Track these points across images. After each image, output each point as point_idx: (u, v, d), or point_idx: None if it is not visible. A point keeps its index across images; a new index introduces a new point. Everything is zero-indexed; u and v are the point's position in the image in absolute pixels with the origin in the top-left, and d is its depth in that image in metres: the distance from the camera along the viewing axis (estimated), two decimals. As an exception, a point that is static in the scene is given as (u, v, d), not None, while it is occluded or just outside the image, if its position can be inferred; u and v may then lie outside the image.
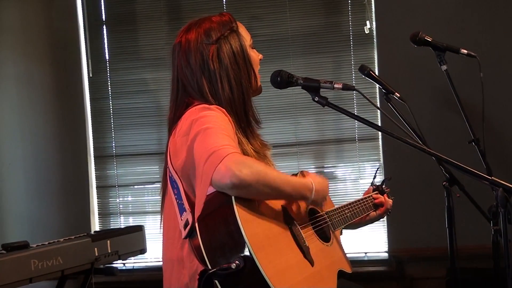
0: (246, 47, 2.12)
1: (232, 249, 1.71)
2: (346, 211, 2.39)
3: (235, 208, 1.73)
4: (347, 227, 2.41)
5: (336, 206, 2.38)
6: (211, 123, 1.87)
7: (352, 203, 2.47)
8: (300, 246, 1.93)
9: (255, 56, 2.17)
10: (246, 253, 1.69)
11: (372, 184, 2.69)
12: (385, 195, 2.62)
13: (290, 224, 1.96)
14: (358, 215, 2.46)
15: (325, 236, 2.20)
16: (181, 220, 1.95)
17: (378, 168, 2.90)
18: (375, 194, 2.62)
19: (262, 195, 1.82)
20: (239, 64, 2.08)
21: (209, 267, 1.70)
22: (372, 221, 2.59)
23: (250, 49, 2.16)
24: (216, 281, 1.68)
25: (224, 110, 1.99)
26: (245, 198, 1.77)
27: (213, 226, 1.77)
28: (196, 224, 1.78)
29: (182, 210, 1.96)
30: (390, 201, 2.61)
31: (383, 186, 2.69)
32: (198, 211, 1.81)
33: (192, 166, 1.87)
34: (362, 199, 2.54)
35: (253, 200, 1.80)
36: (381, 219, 4.21)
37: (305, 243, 1.97)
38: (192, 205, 1.91)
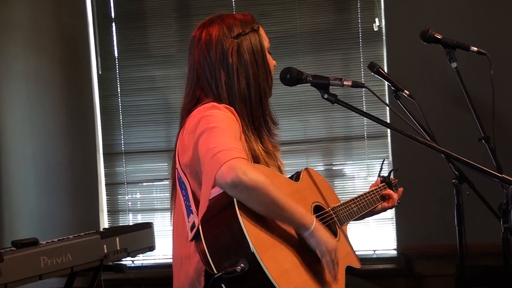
0: (265, 48, 2.13)
1: (236, 251, 1.70)
2: (353, 206, 2.38)
3: (237, 209, 1.73)
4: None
5: (342, 201, 2.37)
6: (217, 122, 1.87)
7: (359, 197, 2.45)
8: (305, 244, 1.92)
9: (270, 60, 2.17)
10: (250, 255, 1.68)
11: (379, 175, 2.68)
12: (392, 189, 2.62)
13: None
14: (365, 208, 2.44)
15: (331, 232, 2.19)
16: (188, 222, 1.95)
17: (384, 160, 2.88)
18: (383, 186, 2.62)
19: (261, 205, 1.76)
20: (258, 63, 2.08)
21: (215, 271, 1.70)
22: (379, 212, 2.58)
23: (267, 52, 2.16)
24: (223, 285, 1.68)
25: (232, 109, 1.99)
26: (245, 203, 1.75)
27: (217, 228, 1.76)
28: (200, 227, 1.77)
29: (189, 212, 1.96)
30: (396, 196, 2.60)
31: (391, 177, 2.68)
32: (202, 210, 1.80)
33: (199, 163, 1.87)
34: (368, 193, 2.53)
35: None
36: (390, 217, 4.24)
37: None
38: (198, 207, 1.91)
